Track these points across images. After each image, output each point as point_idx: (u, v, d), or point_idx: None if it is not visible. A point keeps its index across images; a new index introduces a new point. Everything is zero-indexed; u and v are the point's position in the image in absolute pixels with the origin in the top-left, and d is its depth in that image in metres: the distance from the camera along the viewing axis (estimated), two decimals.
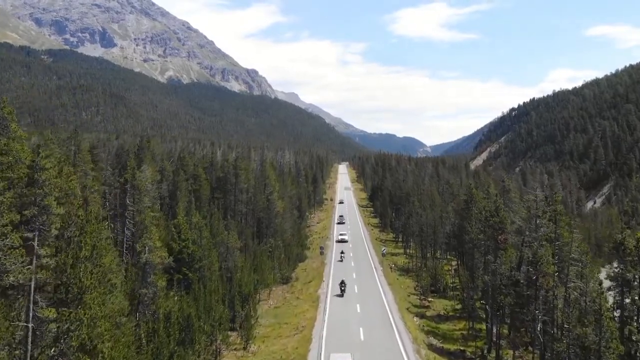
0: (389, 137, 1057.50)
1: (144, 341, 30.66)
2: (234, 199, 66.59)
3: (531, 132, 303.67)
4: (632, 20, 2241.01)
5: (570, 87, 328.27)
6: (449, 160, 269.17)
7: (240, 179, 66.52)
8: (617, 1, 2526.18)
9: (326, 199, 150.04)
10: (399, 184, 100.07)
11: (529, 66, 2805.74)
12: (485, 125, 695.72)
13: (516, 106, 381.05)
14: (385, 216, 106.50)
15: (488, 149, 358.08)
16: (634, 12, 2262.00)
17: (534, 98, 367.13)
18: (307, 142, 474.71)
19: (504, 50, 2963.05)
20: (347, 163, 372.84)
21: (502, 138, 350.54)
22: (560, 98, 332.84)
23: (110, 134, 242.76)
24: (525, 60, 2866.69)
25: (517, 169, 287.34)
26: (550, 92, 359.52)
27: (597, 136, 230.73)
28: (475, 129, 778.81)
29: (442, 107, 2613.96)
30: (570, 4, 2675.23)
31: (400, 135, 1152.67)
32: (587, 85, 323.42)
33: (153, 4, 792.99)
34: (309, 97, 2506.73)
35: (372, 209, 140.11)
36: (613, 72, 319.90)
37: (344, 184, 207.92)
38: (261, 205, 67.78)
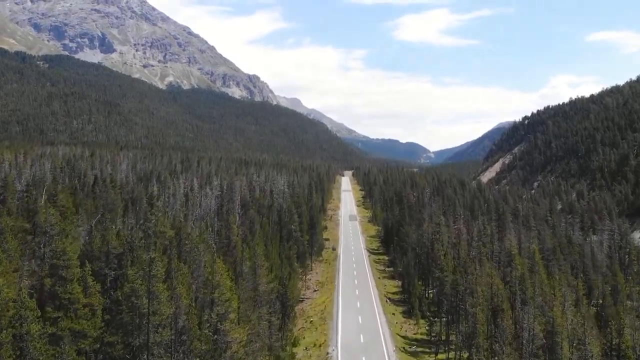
0: (392, 143, 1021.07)
1: None
2: (147, 341, 33.37)
3: (549, 144, 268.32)
4: (634, 26, 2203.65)
5: (575, 94, 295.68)
6: (467, 178, 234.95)
7: (157, 301, 33.37)
8: (619, 7, 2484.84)
9: (327, 240, 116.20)
10: (431, 254, 66.28)
11: (530, 72, 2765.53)
12: (490, 131, 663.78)
13: (529, 114, 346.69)
14: (409, 288, 72.68)
15: (500, 160, 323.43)
16: (636, 18, 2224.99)
17: (549, 106, 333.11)
18: (308, 151, 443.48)
19: (505, 56, 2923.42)
20: (351, 173, 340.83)
21: (516, 148, 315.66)
22: (578, 106, 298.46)
23: (86, 147, 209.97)
24: (527, 65, 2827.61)
25: (536, 184, 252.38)
26: (566, 100, 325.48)
27: (632, 152, 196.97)
28: (479, 135, 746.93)
29: (444, 113, 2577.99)
30: (571, 10, 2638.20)
31: (403, 140, 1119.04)
32: (608, 93, 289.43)
33: (154, 9, 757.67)
34: (312, 102, 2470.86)
35: (385, 256, 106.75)
36: (634, 78, 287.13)
37: (348, 208, 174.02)
38: (201, 347, 34.37)
